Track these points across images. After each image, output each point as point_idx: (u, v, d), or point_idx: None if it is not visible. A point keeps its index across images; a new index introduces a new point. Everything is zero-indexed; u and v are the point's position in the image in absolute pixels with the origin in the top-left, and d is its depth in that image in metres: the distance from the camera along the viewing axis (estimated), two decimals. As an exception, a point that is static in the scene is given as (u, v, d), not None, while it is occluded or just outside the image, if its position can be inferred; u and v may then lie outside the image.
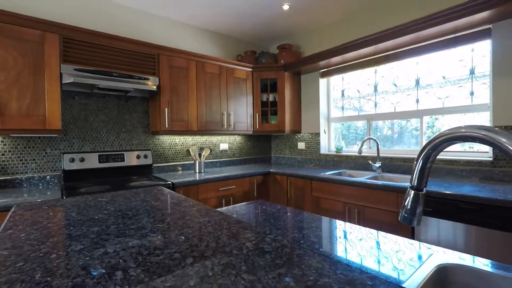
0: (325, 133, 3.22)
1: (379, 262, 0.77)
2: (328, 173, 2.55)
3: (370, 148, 2.81)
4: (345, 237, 0.97)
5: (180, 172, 2.86)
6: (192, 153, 2.80)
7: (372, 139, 2.51)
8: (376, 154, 2.64)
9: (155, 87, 2.33)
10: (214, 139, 3.26)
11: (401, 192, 1.84)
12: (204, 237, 0.78)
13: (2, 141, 2.01)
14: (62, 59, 1.95)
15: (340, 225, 1.10)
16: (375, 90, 2.76)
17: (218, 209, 1.29)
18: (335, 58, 2.67)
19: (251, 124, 3.18)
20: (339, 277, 0.54)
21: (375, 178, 2.42)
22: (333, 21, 3.01)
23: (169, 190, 1.53)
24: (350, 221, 2.14)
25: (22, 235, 0.80)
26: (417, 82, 2.43)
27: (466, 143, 1.99)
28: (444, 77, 2.26)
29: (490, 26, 1.93)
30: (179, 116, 2.57)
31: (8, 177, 2.01)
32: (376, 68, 2.72)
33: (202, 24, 3.05)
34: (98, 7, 2.44)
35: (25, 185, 2.08)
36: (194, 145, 3.08)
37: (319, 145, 3.18)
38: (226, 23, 3.03)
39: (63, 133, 2.26)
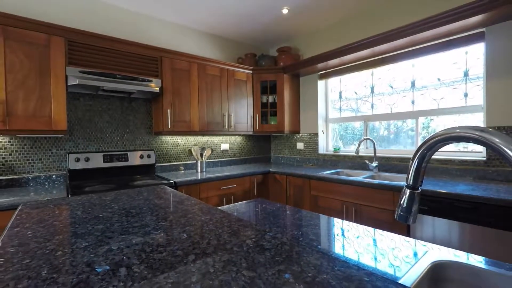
0: (323, 133, 3.25)
1: (376, 259, 0.79)
2: (326, 173, 2.57)
3: (367, 148, 2.84)
4: (342, 234, 0.99)
5: (182, 171, 2.88)
6: (194, 153, 2.82)
7: (369, 139, 2.53)
8: (373, 154, 2.66)
9: (158, 88, 2.36)
10: (215, 139, 3.29)
11: (397, 191, 1.86)
12: (205, 234, 0.79)
13: (9, 141, 2.03)
14: (67, 62, 1.97)
15: (338, 223, 1.11)
16: (372, 91, 2.79)
17: (219, 207, 1.30)
18: (333, 60, 2.70)
19: (251, 124, 3.21)
20: (337, 273, 0.55)
21: (372, 177, 2.45)
22: (331, 24, 3.03)
23: (171, 189, 1.53)
24: (347, 219, 2.16)
25: (29, 232, 0.81)
26: (413, 84, 2.46)
27: (461, 143, 2.02)
28: (439, 79, 2.29)
29: (484, 29, 1.95)
30: (181, 117, 2.59)
31: (15, 176, 2.04)
32: (372, 70, 2.75)
33: (203, 27, 3.08)
34: (102, 11, 2.47)
35: (31, 184, 2.10)
36: (195, 145, 3.10)
37: (318, 145, 3.21)
38: (227, 26, 3.05)
39: (69, 133, 2.28)
